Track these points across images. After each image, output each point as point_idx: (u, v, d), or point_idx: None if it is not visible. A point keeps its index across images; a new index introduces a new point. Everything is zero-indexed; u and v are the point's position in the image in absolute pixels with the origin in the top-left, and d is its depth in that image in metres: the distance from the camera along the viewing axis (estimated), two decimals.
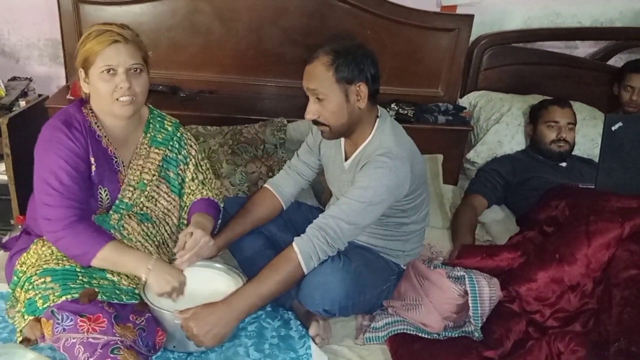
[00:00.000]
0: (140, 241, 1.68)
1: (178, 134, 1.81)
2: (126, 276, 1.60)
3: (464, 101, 2.93)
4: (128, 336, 1.42)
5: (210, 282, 1.69)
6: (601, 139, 2.04)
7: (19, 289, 1.56)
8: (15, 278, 1.60)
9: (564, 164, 2.53)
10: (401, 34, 2.74)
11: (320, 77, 1.65)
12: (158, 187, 1.76)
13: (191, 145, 1.84)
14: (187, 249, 1.64)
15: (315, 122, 1.74)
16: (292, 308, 1.80)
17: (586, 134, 2.73)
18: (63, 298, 1.44)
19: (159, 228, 1.75)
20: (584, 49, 3.14)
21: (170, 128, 1.79)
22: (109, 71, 1.55)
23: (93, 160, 1.61)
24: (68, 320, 1.41)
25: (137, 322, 1.49)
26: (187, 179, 1.81)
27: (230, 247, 1.90)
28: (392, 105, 2.69)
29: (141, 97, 1.63)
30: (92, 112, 1.65)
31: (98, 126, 1.64)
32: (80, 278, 1.51)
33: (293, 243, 1.61)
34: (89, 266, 1.55)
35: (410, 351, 1.65)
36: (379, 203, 1.65)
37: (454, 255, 1.99)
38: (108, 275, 1.57)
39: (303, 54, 1.93)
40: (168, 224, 1.78)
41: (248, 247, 1.89)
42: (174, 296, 1.57)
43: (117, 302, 1.51)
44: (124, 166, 1.69)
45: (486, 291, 1.72)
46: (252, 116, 2.52)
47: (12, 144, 2.32)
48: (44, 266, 1.53)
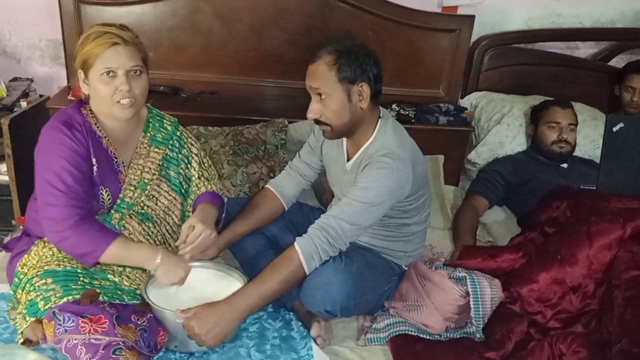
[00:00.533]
0: (141, 240, 1.68)
1: (178, 133, 1.81)
2: (127, 277, 1.61)
3: (465, 102, 2.93)
4: (130, 337, 1.43)
5: (211, 283, 1.69)
6: (602, 140, 2.04)
7: (20, 291, 1.56)
8: (16, 279, 1.60)
9: (565, 165, 2.53)
10: (402, 35, 2.74)
11: (322, 76, 1.65)
12: (159, 186, 1.76)
13: (192, 143, 1.84)
14: (189, 243, 1.65)
15: (317, 122, 1.74)
16: (294, 309, 1.80)
17: (587, 135, 2.72)
18: (64, 299, 1.44)
19: (160, 227, 1.75)
20: (585, 50, 3.14)
21: (169, 127, 1.80)
22: (109, 73, 1.55)
23: (94, 160, 1.61)
24: (70, 321, 1.41)
25: (139, 323, 1.49)
26: (194, 178, 1.82)
27: (231, 248, 1.91)
28: (393, 105, 2.70)
29: (141, 99, 1.63)
30: (92, 113, 1.64)
31: (98, 127, 1.64)
32: (81, 279, 1.52)
33: (294, 243, 1.61)
34: (94, 264, 1.55)
35: (411, 352, 1.65)
36: (381, 204, 1.65)
37: (455, 256, 1.98)
38: (109, 276, 1.57)
39: (304, 55, 1.93)
40: (169, 223, 1.78)
41: (249, 248, 1.89)
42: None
43: (119, 303, 1.51)
44: (125, 166, 1.69)
45: (488, 292, 1.72)
46: (253, 117, 2.52)
47: (14, 145, 2.33)
48: (45, 267, 1.53)
